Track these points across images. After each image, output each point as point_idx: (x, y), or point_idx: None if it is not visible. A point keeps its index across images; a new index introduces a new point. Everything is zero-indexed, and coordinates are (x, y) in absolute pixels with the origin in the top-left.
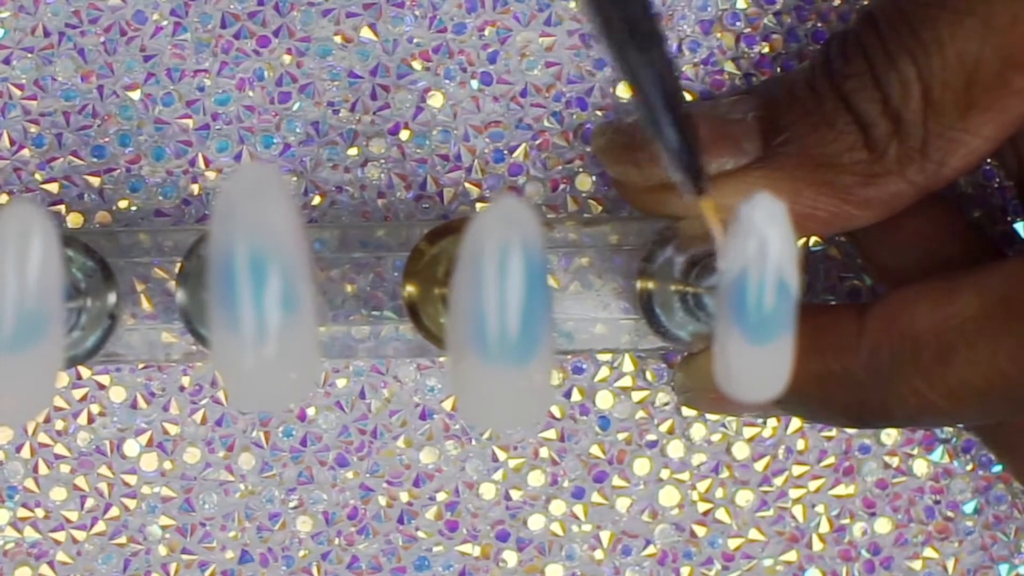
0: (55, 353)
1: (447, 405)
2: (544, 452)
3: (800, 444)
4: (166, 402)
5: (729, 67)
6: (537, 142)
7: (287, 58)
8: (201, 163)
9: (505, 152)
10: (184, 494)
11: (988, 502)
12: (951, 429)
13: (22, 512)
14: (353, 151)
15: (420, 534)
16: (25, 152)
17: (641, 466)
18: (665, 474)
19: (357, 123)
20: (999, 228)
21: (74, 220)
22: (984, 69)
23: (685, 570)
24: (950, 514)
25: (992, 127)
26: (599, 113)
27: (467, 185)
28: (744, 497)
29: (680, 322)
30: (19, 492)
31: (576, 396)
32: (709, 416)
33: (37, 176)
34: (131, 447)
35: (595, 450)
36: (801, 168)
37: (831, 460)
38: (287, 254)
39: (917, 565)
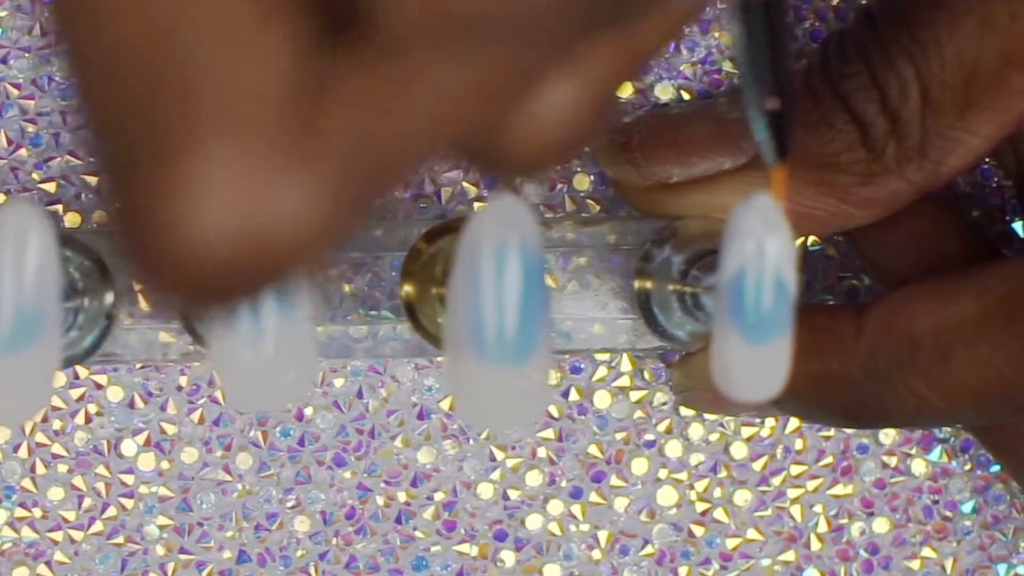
0: (52, 353)
1: (445, 405)
2: (542, 452)
3: (798, 444)
4: (164, 402)
5: (727, 66)
6: None
7: None
8: None
9: None
10: (182, 494)
11: (986, 502)
12: (949, 429)
13: (19, 512)
14: None
15: (418, 534)
16: (23, 151)
17: (639, 466)
18: (663, 474)
19: None
20: (997, 228)
21: (72, 219)
22: (983, 68)
23: (683, 570)
24: (948, 514)
25: (991, 126)
26: None
27: (465, 184)
28: (742, 497)
29: (678, 322)
30: (16, 492)
31: (574, 396)
32: (707, 416)
33: (34, 175)
34: (129, 447)
35: (593, 450)
36: (799, 167)
37: (829, 460)
38: None
39: (915, 565)
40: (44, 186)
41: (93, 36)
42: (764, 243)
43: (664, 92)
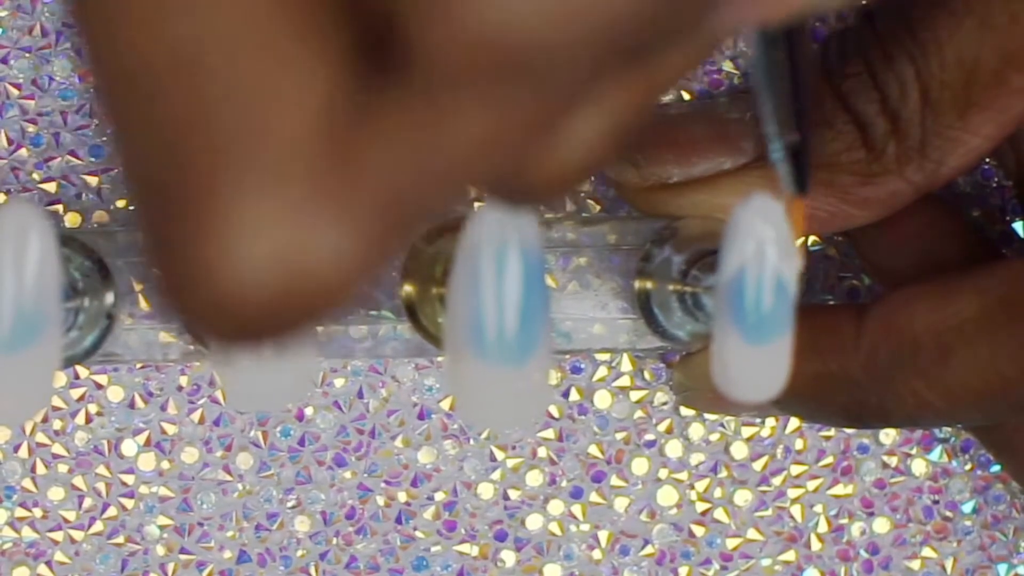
0: (53, 353)
1: (445, 405)
2: (542, 452)
3: (798, 444)
4: (164, 402)
5: (727, 66)
6: None
7: None
8: None
9: None
10: (182, 494)
11: (987, 502)
12: (949, 429)
13: (20, 512)
14: None
15: (418, 534)
16: (23, 151)
17: (639, 466)
18: (663, 474)
19: None
20: (998, 228)
21: (72, 220)
22: (983, 68)
23: (683, 570)
24: (948, 514)
25: (991, 126)
26: None
27: None
28: (742, 497)
29: (678, 322)
30: (17, 492)
31: (574, 396)
32: (707, 416)
33: (35, 176)
34: (129, 447)
35: (593, 450)
36: None
37: (829, 460)
38: None
39: (915, 565)
40: (44, 186)
41: (115, 67)
42: (764, 243)
43: None
